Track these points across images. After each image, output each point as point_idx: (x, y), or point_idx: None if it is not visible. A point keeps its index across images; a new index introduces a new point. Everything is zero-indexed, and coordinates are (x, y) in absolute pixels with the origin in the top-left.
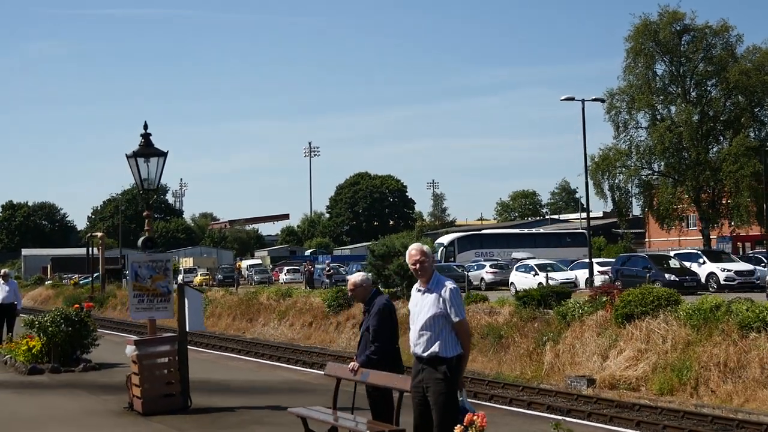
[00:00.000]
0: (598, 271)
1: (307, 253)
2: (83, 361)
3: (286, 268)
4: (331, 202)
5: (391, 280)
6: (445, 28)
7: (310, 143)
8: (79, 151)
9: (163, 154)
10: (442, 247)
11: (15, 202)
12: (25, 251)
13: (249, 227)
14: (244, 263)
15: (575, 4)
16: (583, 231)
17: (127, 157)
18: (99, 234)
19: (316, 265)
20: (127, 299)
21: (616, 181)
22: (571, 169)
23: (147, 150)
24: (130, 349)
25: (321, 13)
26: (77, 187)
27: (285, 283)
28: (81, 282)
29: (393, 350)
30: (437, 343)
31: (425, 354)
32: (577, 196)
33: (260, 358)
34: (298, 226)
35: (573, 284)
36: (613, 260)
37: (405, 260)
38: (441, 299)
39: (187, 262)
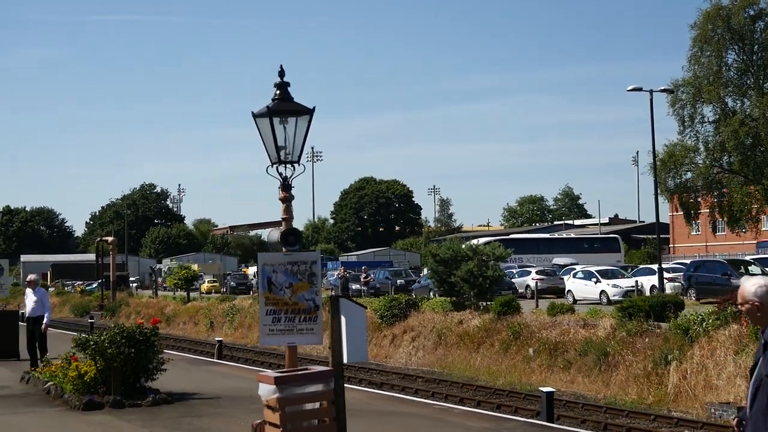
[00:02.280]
0: (666, 278)
1: None
2: (150, 391)
3: None
4: (335, 208)
5: (458, 288)
6: (443, 32)
7: (312, 148)
8: (75, 156)
9: (308, 112)
10: None
11: (12, 207)
12: (24, 257)
13: (252, 233)
14: (251, 270)
15: (573, 9)
16: (616, 236)
17: (255, 116)
18: (109, 239)
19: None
20: (141, 308)
21: (683, 179)
22: (574, 174)
23: (285, 106)
24: (267, 391)
25: (320, 16)
26: (74, 192)
27: None
28: (87, 289)
29: None
30: None
31: None
32: (580, 202)
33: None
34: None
35: (639, 292)
36: (680, 265)
37: (474, 265)
38: None
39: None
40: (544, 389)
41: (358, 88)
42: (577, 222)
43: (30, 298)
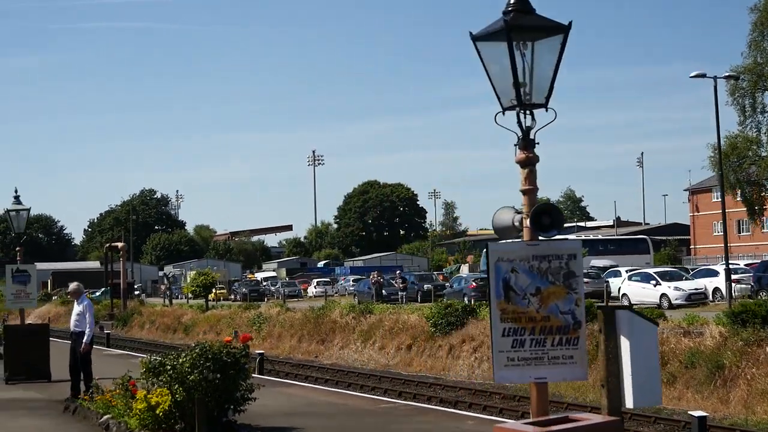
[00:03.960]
0: (733, 280)
1: (320, 264)
2: (242, 428)
3: (315, 280)
4: (339, 212)
5: None
6: (438, 40)
7: (314, 152)
8: (72, 163)
9: (561, 30)
10: None
11: None
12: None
13: (254, 239)
14: (258, 276)
15: (567, 14)
16: (644, 237)
17: (477, 39)
18: (119, 244)
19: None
20: (156, 317)
21: (747, 173)
22: (575, 177)
23: (529, 20)
24: None
25: (315, 24)
26: (72, 199)
27: (315, 296)
28: (93, 297)
29: None
30: None
31: None
32: (582, 204)
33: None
34: (305, 237)
35: (703, 295)
36: (738, 264)
37: None
38: None
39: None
40: (695, 413)
41: (357, 93)
42: (589, 224)
43: (74, 310)
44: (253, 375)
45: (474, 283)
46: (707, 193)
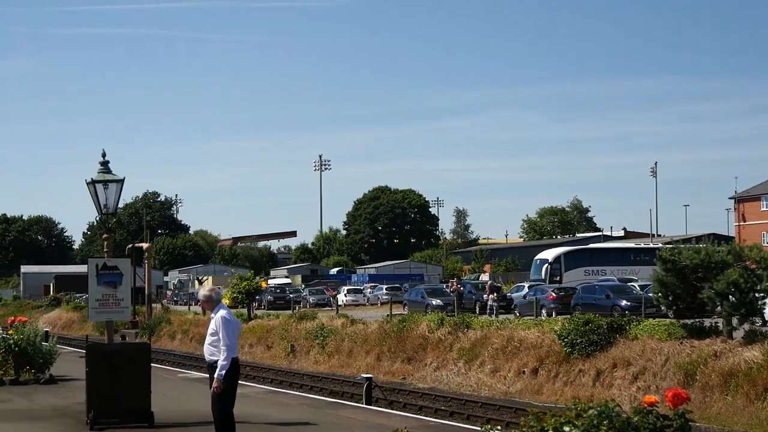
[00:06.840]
0: None
1: (334, 271)
2: None
3: (345, 288)
4: (348, 218)
5: (710, 307)
6: (424, 50)
7: (320, 156)
8: (73, 165)
9: None
10: (546, 264)
11: (9, 216)
12: (24, 268)
13: (261, 244)
14: (271, 282)
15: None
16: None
17: None
18: (145, 245)
19: (465, 284)
20: (188, 326)
21: None
22: (582, 188)
23: None
24: None
25: (322, 30)
26: (71, 202)
27: (347, 305)
28: None
29: None
30: None
31: None
32: (589, 215)
33: None
34: (312, 244)
35: None
36: None
37: (738, 275)
38: None
39: (208, 282)
40: None
41: (362, 100)
42: (614, 234)
43: (209, 329)
44: (360, 405)
45: (554, 294)
46: (755, 201)
